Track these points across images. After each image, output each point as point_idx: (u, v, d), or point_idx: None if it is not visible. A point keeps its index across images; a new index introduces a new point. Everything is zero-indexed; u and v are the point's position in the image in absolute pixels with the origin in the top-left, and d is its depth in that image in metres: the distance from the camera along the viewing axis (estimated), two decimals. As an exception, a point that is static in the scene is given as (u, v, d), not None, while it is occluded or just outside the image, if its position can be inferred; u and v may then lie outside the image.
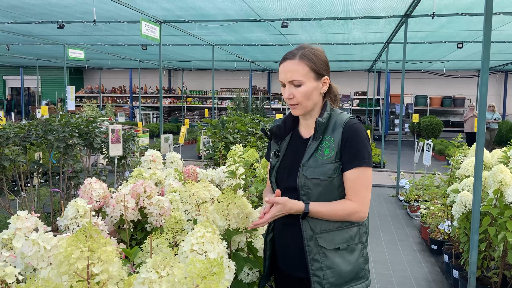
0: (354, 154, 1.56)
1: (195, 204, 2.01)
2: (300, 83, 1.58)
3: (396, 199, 7.22)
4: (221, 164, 4.01)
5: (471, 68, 16.49)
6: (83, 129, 4.59)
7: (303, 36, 9.51)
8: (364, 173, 1.56)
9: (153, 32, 6.71)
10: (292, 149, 1.71)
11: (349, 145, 1.56)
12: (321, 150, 1.59)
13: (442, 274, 4.18)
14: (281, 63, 1.63)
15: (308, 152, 1.61)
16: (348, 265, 1.59)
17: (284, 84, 1.63)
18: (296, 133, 1.74)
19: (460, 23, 7.67)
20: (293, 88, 1.60)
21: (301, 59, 1.58)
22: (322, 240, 1.58)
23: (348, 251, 1.60)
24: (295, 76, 1.58)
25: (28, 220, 1.60)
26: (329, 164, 1.57)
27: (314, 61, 1.59)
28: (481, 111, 3.00)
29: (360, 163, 1.56)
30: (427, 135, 14.09)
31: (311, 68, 1.59)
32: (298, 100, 1.60)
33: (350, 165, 1.56)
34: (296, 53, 1.60)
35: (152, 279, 1.01)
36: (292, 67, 1.58)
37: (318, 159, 1.58)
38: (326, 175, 1.56)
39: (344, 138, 1.57)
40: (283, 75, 1.61)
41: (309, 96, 1.60)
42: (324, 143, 1.60)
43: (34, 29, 9.05)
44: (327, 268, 1.56)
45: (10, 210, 4.34)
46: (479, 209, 3.02)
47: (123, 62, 16.52)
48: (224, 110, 19.40)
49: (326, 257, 1.57)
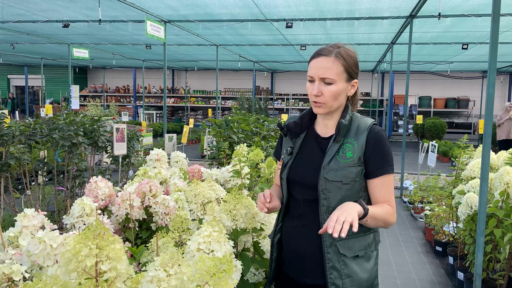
0: (383, 161, 1.56)
1: (201, 203, 2.00)
2: (331, 82, 1.53)
3: (400, 200, 7.20)
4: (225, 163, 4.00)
5: (475, 70, 16.42)
6: (88, 128, 4.60)
7: (306, 36, 9.50)
8: (390, 179, 1.59)
9: (158, 32, 6.72)
10: (308, 148, 1.66)
11: (377, 152, 1.55)
12: (343, 152, 1.55)
13: (447, 276, 4.16)
14: (314, 58, 1.56)
15: (329, 154, 1.56)
16: (366, 273, 1.55)
17: (312, 80, 1.57)
18: (312, 132, 1.69)
19: (465, 24, 7.63)
20: (323, 85, 1.54)
21: (337, 58, 1.53)
22: (342, 247, 1.53)
23: (365, 259, 1.57)
24: (328, 73, 1.52)
25: (34, 218, 1.60)
26: (351, 167, 1.53)
27: (349, 62, 1.55)
28: (488, 111, 2.99)
29: (388, 170, 1.57)
30: (431, 136, 14.04)
31: (345, 68, 1.54)
32: (325, 99, 1.55)
33: (381, 171, 1.56)
34: (331, 50, 1.54)
35: (161, 277, 1.01)
36: (327, 64, 1.52)
37: (340, 161, 1.54)
38: (348, 178, 1.53)
39: (370, 143, 1.54)
40: (315, 71, 1.54)
41: (337, 96, 1.56)
42: (347, 146, 1.56)
43: (39, 28, 9.07)
44: (346, 276, 1.52)
45: (15, 208, 4.35)
46: (485, 211, 3.00)
47: (127, 62, 16.55)
48: (227, 110, 19.40)
49: (346, 265, 1.52)
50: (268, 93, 19.33)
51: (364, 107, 17.87)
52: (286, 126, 1.70)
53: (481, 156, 3.03)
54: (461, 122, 17.32)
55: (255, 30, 8.85)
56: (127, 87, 21.03)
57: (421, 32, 8.53)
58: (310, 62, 1.58)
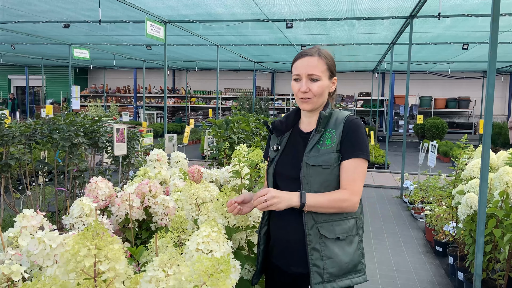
0: (354, 145, 1.64)
1: (195, 204, 2.00)
2: (318, 78, 1.67)
3: (400, 200, 7.19)
4: (226, 164, 4.00)
5: (476, 70, 16.41)
6: (88, 129, 4.60)
7: (307, 36, 9.50)
8: (361, 164, 1.63)
9: (158, 32, 6.72)
10: (292, 143, 1.78)
11: (349, 137, 1.64)
12: (323, 141, 1.67)
13: (447, 276, 4.15)
14: (299, 58, 1.71)
15: (310, 143, 1.68)
16: (347, 256, 1.62)
17: (298, 79, 1.70)
18: (296, 129, 1.81)
19: (466, 24, 7.63)
20: (310, 82, 1.68)
21: (320, 57, 1.69)
22: (323, 229, 1.61)
23: (347, 242, 1.63)
24: (315, 70, 1.67)
25: (33, 219, 1.61)
26: (331, 154, 1.64)
27: (330, 61, 1.72)
28: (488, 112, 2.98)
29: (359, 154, 1.63)
30: (432, 136, 14.03)
31: (328, 67, 1.70)
32: (312, 94, 1.68)
33: (349, 155, 1.63)
34: (314, 51, 1.70)
35: (159, 277, 1.01)
36: (313, 63, 1.67)
37: (320, 149, 1.66)
38: (327, 163, 1.63)
39: (345, 130, 1.65)
40: (303, 69, 1.68)
41: (322, 92, 1.70)
42: (326, 135, 1.68)
43: (40, 28, 9.09)
44: (326, 257, 1.59)
45: (15, 208, 4.36)
46: (485, 211, 3.00)
47: (127, 62, 16.56)
48: (228, 110, 19.40)
49: (326, 247, 1.59)
50: (269, 93, 19.33)
51: (365, 107, 17.86)
52: (272, 124, 1.83)
53: (481, 156, 3.03)
54: (461, 122, 17.30)
55: (255, 30, 8.85)
56: (128, 87, 21.04)
57: (421, 32, 8.53)
58: (295, 62, 1.73)
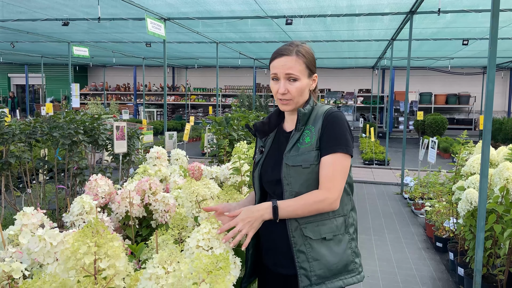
0: (331, 140, 1.56)
1: (195, 201, 2.01)
2: (296, 78, 1.60)
3: (400, 196, 7.20)
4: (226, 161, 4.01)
5: (476, 66, 16.37)
6: (88, 126, 4.60)
7: (307, 33, 9.48)
8: (339, 159, 1.55)
9: (159, 29, 6.72)
10: (277, 144, 1.72)
11: (328, 131, 1.57)
12: (303, 139, 1.61)
13: (447, 272, 4.16)
14: (276, 58, 1.63)
15: (290, 142, 1.62)
16: (335, 257, 1.55)
17: (276, 78, 1.63)
18: (280, 129, 1.76)
19: (466, 20, 7.61)
20: (288, 83, 1.61)
21: (298, 56, 1.60)
22: (307, 230, 1.55)
23: (335, 242, 1.56)
24: (293, 70, 1.59)
25: (34, 217, 1.61)
26: (310, 152, 1.57)
27: (308, 59, 1.63)
28: (488, 107, 2.98)
29: (336, 149, 1.55)
30: (432, 132, 14.02)
31: (306, 65, 1.62)
32: (292, 96, 1.61)
33: (327, 150, 1.55)
34: (291, 49, 1.61)
35: (159, 274, 1.01)
36: (290, 63, 1.59)
37: (300, 147, 1.59)
38: (307, 162, 1.56)
39: (324, 125, 1.59)
40: (280, 70, 1.60)
41: (302, 92, 1.63)
42: (306, 132, 1.62)
43: (39, 26, 9.07)
44: (313, 259, 1.53)
45: (16, 206, 4.37)
46: (485, 207, 3.00)
47: (127, 60, 16.54)
48: (228, 108, 19.39)
49: (312, 248, 1.53)
50: (269, 91, 19.27)
51: (365, 103, 17.84)
52: (254, 126, 1.77)
53: (481, 151, 3.03)
54: (462, 118, 17.29)
55: (255, 27, 8.82)
56: (128, 85, 21.02)
57: (421, 28, 8.50)
58: (273, 62, 1.64)
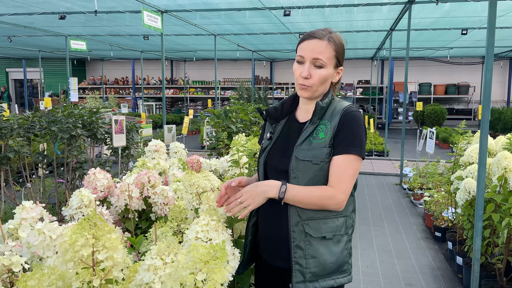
0: (347, 140, 1.50)
1: (196, 193, 2.01)
2: (322, 65, 1.52)
3: (399, 187, 7.22)
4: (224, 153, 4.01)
5: (475, 55, 16.32)
6: (87, 120, 4.60)
7: (305, 24, 9.43)
8: (352, 161, 1.51)
9: (155, 22, 6.67)
10: (286, 132, 1.66)
11: (344, 131, 1.51)
12: (316, 133, 1.55)
13: (446, 261, 4.19)
14: (307, 39, 1.54)
15: (303, 135, 1.56)
16: (332, 256, 1.52)
17: (302, 61, 1.54)
18: (292, 117, 1.69)
19: (465, 9, 7.57)
20: (313, 68, 1.53)
21: (330, 42, 1.52)
22: (308, 227, 1.51)
23: (333, 242, 1.53)
24: (321, 55, 1.51)
25: (33, 210, 1.62)
26: (322, 148, 1.52)
27: (339, 48, 1.55)
28: (486, 97, 2.98)
29: (351, 150, 1.50)
30: (431, 123, 14.02)
31: (335, 54, 1.54)
32: (313, 82, 1.54)
33: (341, 150, 1.50)
34: (324, 34, 1.53)
35: (157, 265, 1.02)
36: (321, 47, 1.51)
37: (312, 142, 1.53)
38: (318, 158, 1.51)
39: (340, 123, 1.52)
40: (309, 52, 1.52)
41: (324, 81, 1.55)
42: (320, 127, 1.55)
43: (36, 20, 9.02)
44: (310, 256, 1.50)
45: (16, 201, 4.38)
46: (483, 196, 3.01)
47: (125, 53, 16.47)
48: (227, 100, 19.35)
49: (311, 245, 1.50)
50: (268, 83, 19.26)
51: (364, 94, 17.81)
52: (266, 111, 1.70)
53: (479, 141, 3.03)
54: (461, 108, 17.27)
55: (253, 18, 8.78)
56: (126, 78, 20.96)
57: (420, 18, 8.46)
58: (302, 43, 1.55)
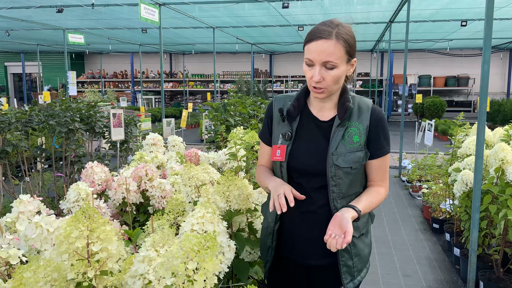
0: (383, 142, 1.57)
1: (195, 186, 2.02)
2: (334, 66, 1.44)
3: (398, 179, 7.24)
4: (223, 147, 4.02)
5: (475, 47, 16.25)
6: (85, 114, 4.60)
7: (304, 16, 9.39)
8: (388, 158, 1.61)
9: (153, 15, 6.63)
10: (306, 132, 1.59)
11: (380, 133, 1.55)
12: (349, 137, 1.52)
13: (444, 253, 4.22)
14: (314, 40, 1.43)
15: (335, 140, 1.52)
16: (368, 248, 1.63)
17: (311, 64, 1.46)
18: (307, 114, 1.61)
19: (464, 1, 7.53)
20: (324, 70, 1.44)
21: (338, 40, 1.42)
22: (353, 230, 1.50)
23: (365, 234, 1.63)
24: (331, 58, 1.42)
25: (30, 204, 1.63)
26: (359, 152, 1.52)
27: (350, 43, 1.46)
28: (483, 89, 2.98)
29: (388, 150, 1.59)
30: (431, 115, 14.01)
31: (346, 50, 1.45)
32: (327, 84, 1.47)
33: (381, 152, 1.56)
34: (331, 31, 1.42)
35: (151, 256, 1.03)
36: (329, 48, 1.41)
37: (347, 146, 1.51)
38: (357, 163, 1.52)
39: (373, 125, 1.54)
40: (317, 56, 1.43)
41: (338, 80, 1.48)
42: (352, 130, 1.53)
43: (33, 14, 8.98)
44: (355, 256, 1.57)
45: (14, 195, 4.39)
46: (480, 188, 3.02)
47: (123, 46, 16.41)
48: (226, 94, 19.31)
49: (354, 246, 1.57)
50: (267, 76, 19.20)
51: (364, 87, 17.77)
52: (288, 112, 1.60)
53: (476, 133, 3.03)
54: (461, 101, 17.24)
55: (252, 11, 8.73)
56: (125, 72, 20.90)
57: (420, 10, 8.43)
58: (308, 44, 1.46)
